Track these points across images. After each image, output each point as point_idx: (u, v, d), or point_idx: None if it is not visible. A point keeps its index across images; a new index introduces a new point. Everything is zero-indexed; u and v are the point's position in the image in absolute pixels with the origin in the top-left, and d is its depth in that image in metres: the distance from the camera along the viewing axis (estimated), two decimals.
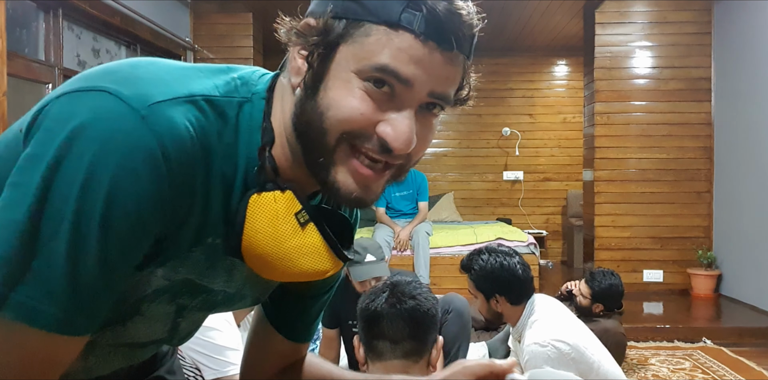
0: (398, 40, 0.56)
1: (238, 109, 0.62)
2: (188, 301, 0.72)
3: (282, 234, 0.63)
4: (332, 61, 0.59)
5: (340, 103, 0.58)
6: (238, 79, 0.64)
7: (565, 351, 1.84)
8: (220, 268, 0.69)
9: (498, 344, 3.04)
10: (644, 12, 4.89)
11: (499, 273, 1.98)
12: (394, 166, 0.63)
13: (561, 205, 6.73)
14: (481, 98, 6.72)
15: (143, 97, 0.54)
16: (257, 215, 0.62)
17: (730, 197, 4.59)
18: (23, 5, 3.08)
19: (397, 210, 4.94)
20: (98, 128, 0.52)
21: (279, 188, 0.63)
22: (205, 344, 2.00)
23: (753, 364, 3.27)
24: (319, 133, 0.59)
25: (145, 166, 0.53)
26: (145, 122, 0.53)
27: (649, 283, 4.84)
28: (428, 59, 0.57)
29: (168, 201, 0.56)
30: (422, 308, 1.26)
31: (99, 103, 0.53)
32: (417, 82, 0.58)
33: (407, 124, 0.59)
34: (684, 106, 4.83)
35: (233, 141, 0.61)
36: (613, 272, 2.99)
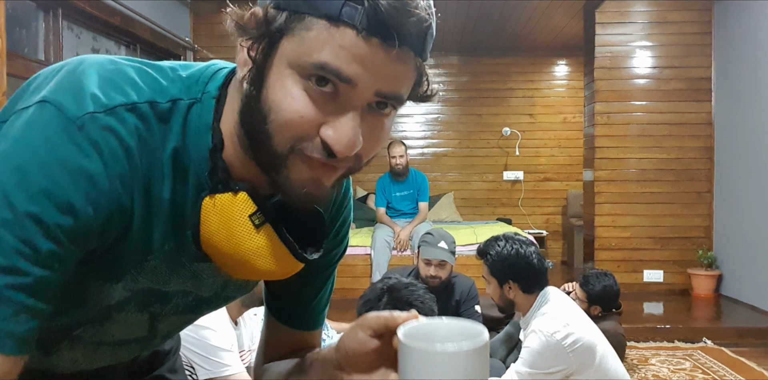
0: (339, 35, 0.53)
1: (186, 111, 0.60)
2: (159, 309, 0.71)
3: (237, 236, 0.61)
4: (274, 55, 0.56)
5: (281, 105, 0.55)
6: (187, 78, 0.62)
7: (565, 344, 1.85)
8: (184, 274, 0.67)
9: (498, 344, 3.04)
10: (644, 12, 4.88)
11: (515, 260, 2.01)
12: (342, 168, 0.60)
13: (561, 205, 6.73)
14: (482, 98, 6.73)
15: (82, 107, 0.54)
16: (211, 218, 0.61)
17: (731, 197, 4.58)
18: (23, 5, 3.07)
19: (398, 210, 4.93)
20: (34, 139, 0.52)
21: (231, 190, 0.61)
22: (199, 343, 2.00)
23: (753, 364, 3.26)
24: (264, 135, 0.57)
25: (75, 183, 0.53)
26: (80, 134, 0.53)
27: (649, 283, 4.84)
28: (371, 57, 0.53)
29: (100, 218, 0.55)
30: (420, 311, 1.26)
31: (39, 116, 0.53)
32: (360, 81, 0.54)
33: (350, 125, 0.55)
34: (684, 106, 4.83)
35: (181, 145, 0.60)
36: (607, 273, 2.98)
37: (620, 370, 1.99)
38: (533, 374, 1.87)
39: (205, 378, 1.99)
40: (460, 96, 6.77)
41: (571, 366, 1.87)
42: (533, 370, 1.87)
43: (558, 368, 1.87)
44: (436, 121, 6.81)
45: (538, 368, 1.87)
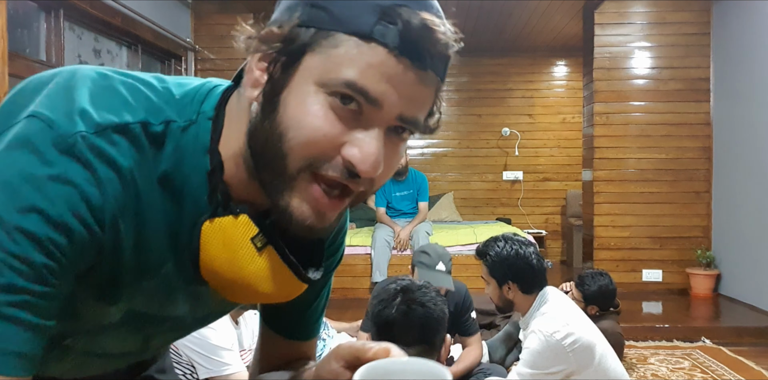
0: (369, 54, 0.51)
1: (181, 133, 0.58)
2: (153, 330, 0.70)
3: (240, 260, 0.59)
4: (295, 72, 0.54)
5: (302, 122, 0.53)
6: (181, 98, 0.59)
7: (564, 344, 1.86)
8: (181, 297, 0.66)
9: (498, 344, 3.06)
10: (643, 12, 4.90)
11: (514, 261, 2.01)
12: (355, 193, 0.57)
13: (560, 205, 6.74)
14: (481, 98, 6.74)
15: (73, 125, 0.52)
16: (212, 242, 0.59)
17: (729, 197, 4.60)
18: (24, 5, 3.08)
19: (398, 209, 4.95)
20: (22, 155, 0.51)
21: (232, 213, 0.59)
22: (200, 343, 2.01)
23: (752, 364, 3.28)
24: (277, 155, 0.54)
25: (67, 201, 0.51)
26: (72, 152, 0.51)
27: (648, 283, 4.85)
28: (400, 78, 0.52)
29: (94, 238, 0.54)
30: (432, 315, 1.31)
31: (28, 132, 0.52)
32: (386, 103, 0.53)
33: (375, 145, 0.53)
34: (683, 106, 4.85)
35: (175, 167, 0.58)
36: (602, 272, 2.98)
37: (619, 370, 2.00)
38: (534, 374, 1.88)
39: (205, 376, 2.00)
40: (459, 96, 6.78)
41: (571, 366, 1.88)
42: (534, 371, 1.88)
43: (558, 368, 1.87)
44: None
45: (538, 368, 1.88)
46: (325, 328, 2.78)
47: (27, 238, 0.49)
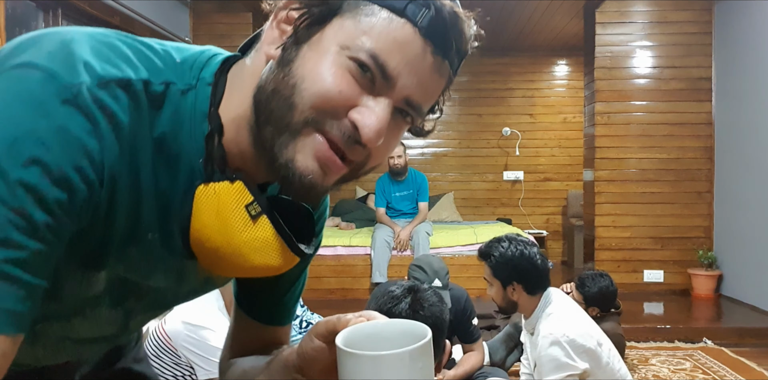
0: (399, 29, 0.53)
1: (180, 96, 0.57)
2: (134, 305, 0.68)
3: (232, 227, 0.58)
4: (322, 30, 0.55)
5: (320, 75, 0.53)
6: (181, 63, 0.59)
7: (576, 344, 1.85)
8: (166, 268, 0.64)
9: (498, 344, 3.04)
10: (644, 12, 4.88)
11: (519, 261, 1.99)
12: (352, 163, 0.58)
13: (561, 205, 6.73)
14: (482, 98, 6.73)
15: (75, 75, 0.50)
16: (204, 207, 0.58)
17: (731, 197, 4.58)
18: (23, 5, 3.07)
19: (397, 210, 4.94)
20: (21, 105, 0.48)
21: (228, 178, 0.58)
22: (199, 344, 2.00)
23: (754, 365, 3.26)
24: (285, 105, 0.54)
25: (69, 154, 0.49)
26: (74, 103, 0.49)
27: (649, 283, 4.83)
28: (420, 60, 0.54)
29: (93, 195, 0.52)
30: (442, 315, 1.33)
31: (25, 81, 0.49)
32: (399, 82, 0.55)
33: (383, 114, 0.55)
34: (684, 105, 4.83)
35: (172, 130, 0.57)
36: (602, 273, 2.96)
37: (624, 370, 1.99)
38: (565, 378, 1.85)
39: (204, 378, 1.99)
40: (460, 96, 6.77)
41: (586, 364, 1.87)
42: (562, 374, 1.86)
43: (582, 363, 1.86)
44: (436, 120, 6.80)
45: (564, 370, 1.86)
46: None
47: (28, 193, 0.47)
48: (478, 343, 2.67)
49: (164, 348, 2.03)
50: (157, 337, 2.06)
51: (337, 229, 5.41)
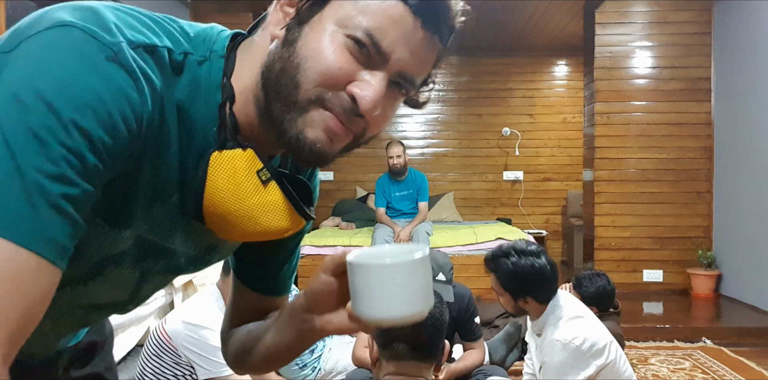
0: (391, 8, 0.58)
1: (197, 66, 0.61)
2: (152, 265, 0.71)
3: (244, 191, 0.62)
4: (321, 10, 0.59)
5: (320, 54, 0.58)
6: (195, 36, 0.63)
7: (584, 349, 1.85)
8: (180, 229, 0.68)
9: (498, 344, 3.05)
10: (644, 12, 4.89)
11: (531, 276, 1.94)
12: (353, 132, 0.62)
13: (561, 205, 6.73)
14: (481, 98, 6.73)
15: (113, 35, 0.53)
16: (218, 172, 0.61)
17: (730, 197, 4.59)
18: (23, 5, 3.08)
19: (397, 209, 4.94)
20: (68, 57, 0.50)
21: (240, 146, 0.62)
22: (199, 343, 2.00)
23: (753, 364, 3.27)
24: (292, 84, 0.59)
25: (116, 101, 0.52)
26: (117, 59, 0.52)
27: (648, 283, 4.84)
28: (411, 35, 0.59)
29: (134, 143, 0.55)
30: (442, 317, 1.33)
31: (68, 38, 0.51)
32: (393, 56, 0.59)
33: (379, 85, 0.59)
34: (684, 106, 4.84)
35: (189, 98, 0.60)
36: (600, 273, 2.96)
37: (630, 371, 1.99)
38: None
39: (205, 377, 2.00)
40: (460, 96, 6.77)
41: (593, 370, 1.87)
42: (571, 378, 1.86)
43: (586, 372, 1.86)
44: (436, 121, 6.81)
45: (569, 376, 1.86)
46: None
47: (81, 135, 0.49)
48: (479, 342, 2.67)
49: (164, 348, 2.04)
50: (157, 337, 2.07)
51: (337, 229, 5.41)
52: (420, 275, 0.56)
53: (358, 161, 6.77)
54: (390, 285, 0.55)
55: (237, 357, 0.81)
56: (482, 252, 4.76)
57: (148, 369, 2.03)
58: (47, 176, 0.47)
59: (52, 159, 0.48)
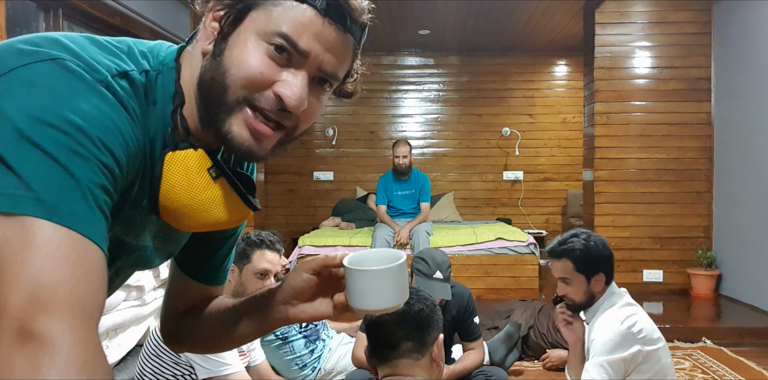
0: (301, 13, 0.65)
1: (155, 81, 0.68)
2: (124, 262, 0.77)
3: (197, 186, 0.70)
4: (241, 23, 0.66)
5: (243, 62, 0.65)
6: (149, 53, 0.69)
7: (633, 331, 1.88)
8: (146, 226, 0.75)
9: (498, 344, 3.05)
10: (644, 12, 4.89)
11: (602, 251, 2.01)
12: (285, 127, 0.70)
13: (561, 205, 6.73)
14: (482, 98, 6.73)
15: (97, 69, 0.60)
16: (173, 170, 0.68)
17: (730, 197, 4.59)
18: (23, 5, 3.08)
19: (398, 209, 4.94)
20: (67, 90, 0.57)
21: (192, 146, 0.69)
22: None
23: (753, 364, 3.27)
24: (221, 88, 0.66)
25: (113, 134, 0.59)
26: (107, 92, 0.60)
27: (648, 283, 4.84)
28: (324, 35, 0.66)
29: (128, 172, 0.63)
30: (410, 311, 1.31)
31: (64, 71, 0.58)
32: (312, 54, 0.66)
33: (301, 83, 0.67)
34: (684, 106, 4.84)
35: (152, 110, 0.67)
36: None
37: (672, 368, 2.01)
38: (612, 361, 1.86)
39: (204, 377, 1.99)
40: (460, 96, 6.77)
41: (641, 352, 1.88)
42: (612, 356, 1.86)
43: (632, 350, 1.87)
44: (436, 121, 6.81)
45: (616, 353, 1.87)
46: (324, 328, 2.77)
47: (108, 152, 0.58)
48: (479, 342, 2.67)
49: (164, 348, 2.04)
50: (156, 337, 2.07)
51: (337, 229, 5.41)
52: (398, 278, 0.72)
53: (358, 161, 6.78)
54: (376, 285, 0.71)
55: (187, 337, 0.91)
56: (482, 252, 4.77)
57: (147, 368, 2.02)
58: (94, 184, 0.56)
59: (93, 170, 0.56)
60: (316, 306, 0.77)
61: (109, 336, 2.55)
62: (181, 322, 0.91)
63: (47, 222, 0.52)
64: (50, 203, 0.52)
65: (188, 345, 0.94)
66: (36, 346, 0.49)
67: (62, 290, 0.51)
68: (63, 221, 0.53)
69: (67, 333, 0.50)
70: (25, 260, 0.51)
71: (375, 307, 0.72)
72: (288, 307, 0.77)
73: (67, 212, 0.53)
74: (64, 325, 0.50)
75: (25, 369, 0.48)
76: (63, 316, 0.50)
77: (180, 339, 0.93)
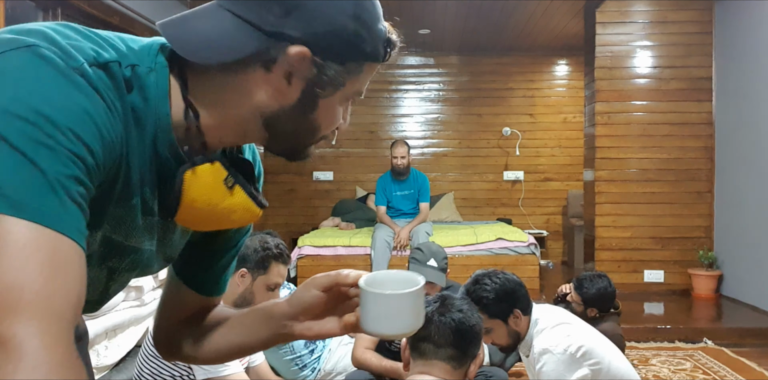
0: (374, 68, 0.72)
1: (145, 76, 0.66)
2: (117, 264, 0.75)
3: (215, 199, 0.71)
4: (337, 93, 0.70)
5: (331, 120, 0.73)
6: (139, 50, 0.68)
7: (572, 353, 1.83)
8: (145, 227, 0.73)
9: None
10: (645, 11, 4.88)
11: (510, 286, 1.95)
12: None
13: (561, 205, 6.72)
14: (482, 98, 6.72)
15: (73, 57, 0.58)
16: (193, 187, 0.69)
17: (731, 197, 4.58)
18: (22, 5, 3.07)
19: (398, 209, 4.93)
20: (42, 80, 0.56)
21: (208, 160, 0.70)
22: None
23: (754, 365, 3.26)
24: (308, 137, 0.74)
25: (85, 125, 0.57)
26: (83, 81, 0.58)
27: (649, 284, 4.83)
28: None
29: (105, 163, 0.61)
30: (467, 322, 1.41)
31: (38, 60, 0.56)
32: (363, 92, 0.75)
33: (347, 115, 0.76)
34: (685, 105, 4.83)
35: (142, 107, 0.65)
36: (601, 274, 2.95)
37: (628, 369, 1.98)
38: None
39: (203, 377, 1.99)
40: (460, 96, 6.76)
41: (585, 371, 1.86)
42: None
43: (580, 374, 1.84)
44: (436, 121, 6.80)
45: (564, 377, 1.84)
46: None
47: (80, 141, 0.56)
48: None
49: None
50: None
51: (337, 229, 5.40)
52: (416, 303, 0.70)
53: (358, 161, 6.77)
54: (394, 309, 0.69)
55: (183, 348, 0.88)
56: (482, 253, 4.76)
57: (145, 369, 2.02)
58: (64, 175, 0.54)
59: (63, 161, 0.54)
60: (322, 324, 0.75)
61: (108, 337, 2.54)
62: (178, 332, 0.89)
63: (13, 218, 0.50)
64: (14, 199, 0.51)
65: (183, 356, 0.91)
66: (1, 352, 0.47)
67: (28, 291, 0.49)
68: (30, 217, 0.51)
69: (33, 337, 0.48)
70: None
71: (389, 332, 0.70)
72: (294, 323, 0.76)
73: (33, 207, 0.51)
74: (31, 329, 0.48)
75: None
76: (29, 319, 0.49)
77: (175, 349, 0.90)
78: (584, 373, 1.85)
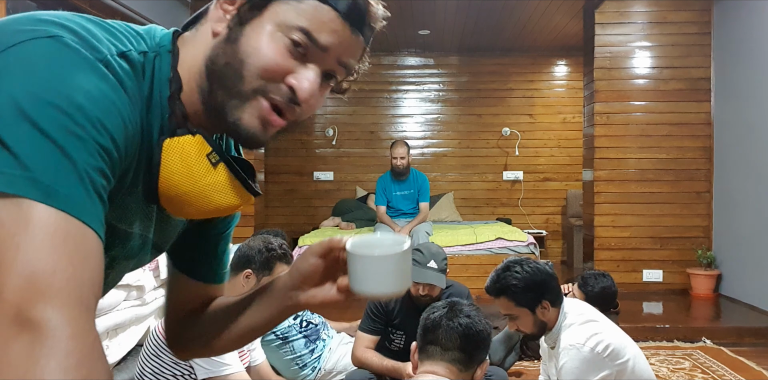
0: (324, 13, 0.67)
1: (153, 63, 0.67)
2: (119, 252, 0.75)
3: (196, 173, 0.69)
4: (262, 13, 0.67)
5: (261, 52, 0.66)
6: (145, 35, 0.69)
7: (598, 351, 1.82)
8: (141, 214, 0.73)
9: (497, 345, 3.05)
10: (644, 12, 4.89)
11: (540, 277, 1.92)
12: (289, 119, 0.71)
13: (561, 205, 6.74)
14: (481, 98, 6.73)
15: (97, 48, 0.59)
16: (171, 157, 0.68)
17: (730, 197, 4.59)
18: (23, 5, 3.08)
19: (398, 209, 4.94)
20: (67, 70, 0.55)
21: (190, 132, 0.69)
22: None
23: (752, 364, 3.27)
24: (236, 76, 0.67)
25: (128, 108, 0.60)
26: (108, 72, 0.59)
27: (648, 283, 4.84)
28: (341, 34, 0.68)
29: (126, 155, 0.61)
30: (474, 327, 1.46)
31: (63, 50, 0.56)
32: (331, 49, 0.68)
33: (314, 77, 0.68)
34: (684, 106, 4.84)
35: (149, 93, 0.67)
36: (605, 273, 2.96)
37: (650, 370, 1.98)
38: None
39: (204, 377, 1.99)
40: (460, 96, 6.77)
41: (612, 370, 1.85)
42: None
43: (603, 374, 1.83)
44: (436, 121, 6.81)
45: (588, 376, 1.84)
46: (324, 328, 2.78)
47: (107, 133, 0.56)
48: None
49: (163, 347, 2.04)
50: (156, 337, 2.07)
51: (337, 229, 5.41)
52: (402, 263, 0.71)
53: (358, 161, 6.78)
54: (379, 270, 0.71)
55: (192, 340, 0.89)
56: (482, 252, 4.77)
57: (147, 368, 2.03)
58: (92, 167, 0.54)
59: (91, 153, 0.54)
60: (326, 290, 0.76)
61: (109, 336, 2.55)
62: (185, 325, 0.89)
63: (43, 205, 0.51)
64: (46, 184, 0.51)
65: (193, 350, 0.91)
66: (34, 335, 0.47)
67: (59, 278, 0.50)
68: (59, 205, 0.51)
69: (66, 324, 0.48)
70: (21, 244, 0.49)
71: (375, 292, 0.72)
72: (298, 293, 0.77)
73: (63, 195, 0.52)
74: (63, 315, 0.49)
75: (22, 358, 0.47)
76: (61, 306, 0.49)
77: (184, 343, 0.91)
78: (607, 373, 1.84)
